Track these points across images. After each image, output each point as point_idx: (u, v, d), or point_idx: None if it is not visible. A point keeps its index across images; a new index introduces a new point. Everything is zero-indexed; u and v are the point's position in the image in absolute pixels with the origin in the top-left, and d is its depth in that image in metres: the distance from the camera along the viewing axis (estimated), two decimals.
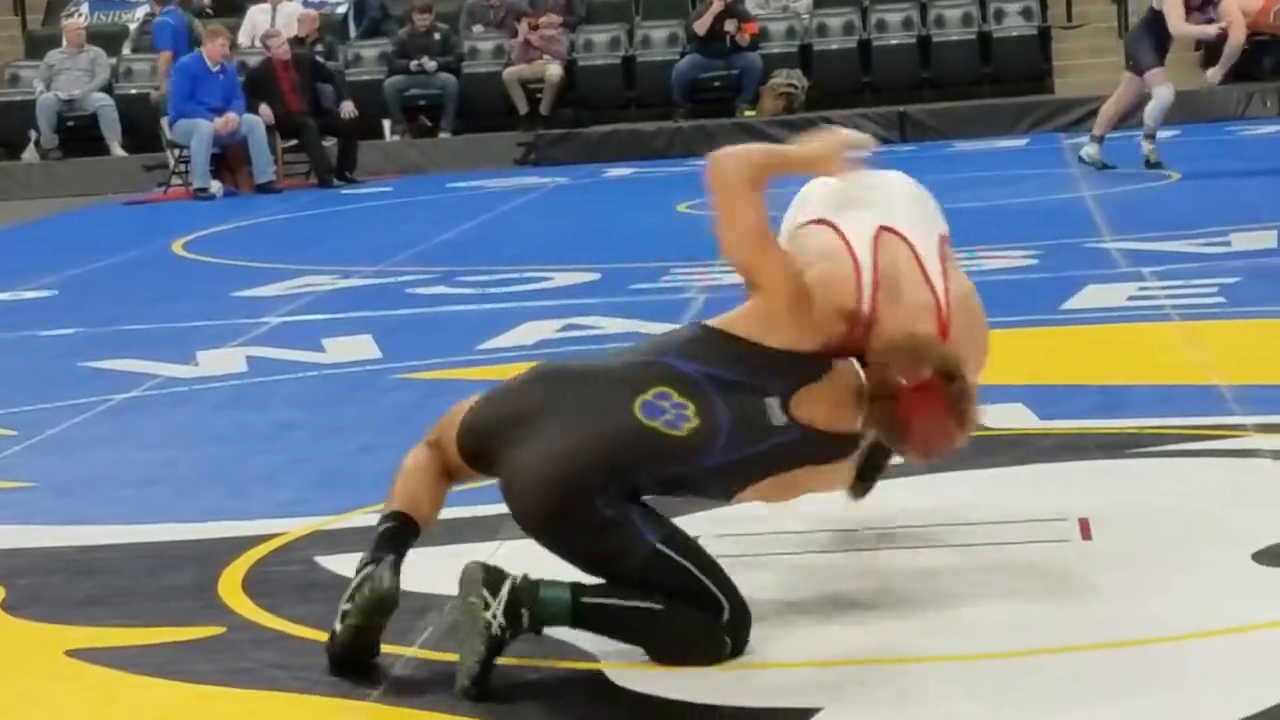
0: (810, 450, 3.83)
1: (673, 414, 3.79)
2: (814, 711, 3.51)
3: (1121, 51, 13.70)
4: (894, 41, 19.07)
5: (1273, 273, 8.59)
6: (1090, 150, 13.42)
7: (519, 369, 4.10)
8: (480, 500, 5.24)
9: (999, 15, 19.10)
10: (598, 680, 3.78)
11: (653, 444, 3.76)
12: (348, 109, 16.96)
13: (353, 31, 20.24)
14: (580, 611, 3.75)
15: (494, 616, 3.68)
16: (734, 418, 3.79)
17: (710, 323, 4.01)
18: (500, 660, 3.79)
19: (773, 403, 3.82)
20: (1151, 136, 13.15)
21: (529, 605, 3.72)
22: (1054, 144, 16.19)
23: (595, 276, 9.91)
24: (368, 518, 5.18)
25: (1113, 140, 13.42)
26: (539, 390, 3.88)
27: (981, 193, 12.08)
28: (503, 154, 18.13)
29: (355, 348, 8.04)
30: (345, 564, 4.69)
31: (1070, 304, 7.95)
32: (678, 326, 4.22)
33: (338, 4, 20.38)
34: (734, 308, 4.07)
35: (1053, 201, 11.89)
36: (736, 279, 10.46)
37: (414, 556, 4.77)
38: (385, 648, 4.00)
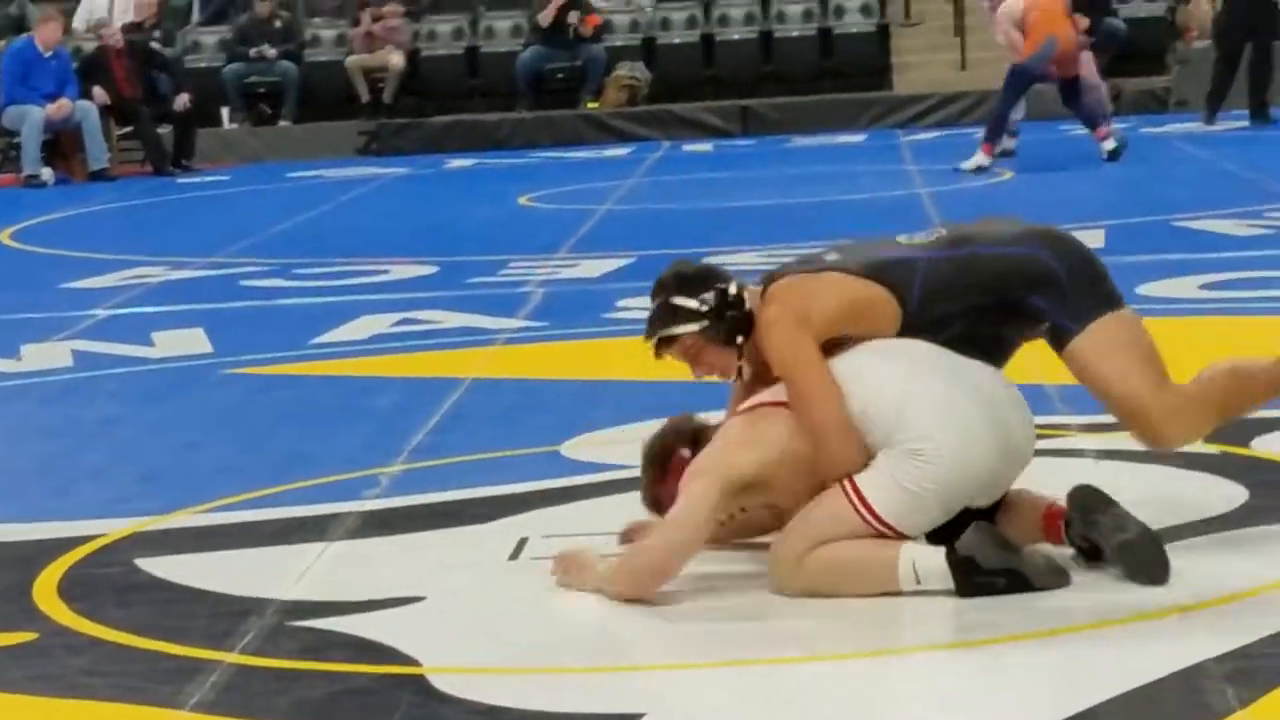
0: None
1: None
2: (639, 716, 3.49)
3: (958, 49, 13.77)
4: (736, 36, 19.17)
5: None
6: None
7: (352, 364, 4.04)
8: (308, 500, 5.17)
9: (839, 11, 19.26)
10: (420, 684, 3.73)
11: None
12: (181, 100, 16.69)
13: (196, 15, 19.96)
14: None
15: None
16: None
17: None
18: (319, 665, 3.74)
19: None
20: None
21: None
22: (892, 140, 16.32)
23: (433, 270, 9.83)
24: (191, 518, 5.09)
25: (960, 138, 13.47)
26: None
27: (817, 189, 12.12)
28: (344, 143, 17.99)
29: (185, 341, 7.91)
30: (165, 566, 4.60)
31: None
32: None
33: None
34: (575, 303, 4.04)
35: (889, 198, 11.96)
36: (574, 273, 10.18)
37: (237, 558, 4.70)
38: (201, 653, 3.93)
